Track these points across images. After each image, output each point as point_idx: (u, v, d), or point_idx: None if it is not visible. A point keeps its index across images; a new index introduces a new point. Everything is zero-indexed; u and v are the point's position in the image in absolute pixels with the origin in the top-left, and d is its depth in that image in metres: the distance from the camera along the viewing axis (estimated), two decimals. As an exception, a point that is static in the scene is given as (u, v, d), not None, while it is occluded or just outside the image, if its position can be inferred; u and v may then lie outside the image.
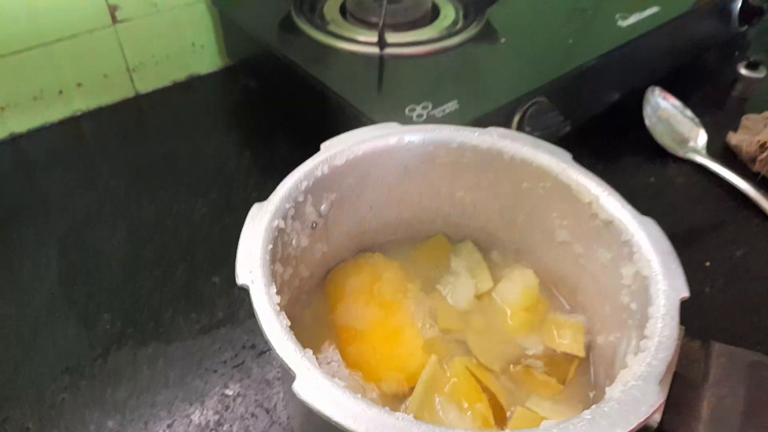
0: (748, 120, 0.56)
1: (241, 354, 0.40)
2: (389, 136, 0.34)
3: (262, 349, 0.40)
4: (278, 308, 0.26)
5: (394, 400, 0.33)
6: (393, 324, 0.35)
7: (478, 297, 0.37)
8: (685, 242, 0.29)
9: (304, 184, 0.31)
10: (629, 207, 0.30)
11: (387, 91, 0.49)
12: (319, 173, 0.32)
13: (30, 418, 0.37)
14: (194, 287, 0.44)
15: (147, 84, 0.63)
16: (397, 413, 0.22)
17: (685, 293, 0.26)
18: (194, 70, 0.66)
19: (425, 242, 0.40)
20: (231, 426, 0.36)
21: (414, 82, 0.49)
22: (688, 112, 0.57)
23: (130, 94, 0.63)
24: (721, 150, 0.56)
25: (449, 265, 0.38)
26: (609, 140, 0.44)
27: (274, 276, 0.29)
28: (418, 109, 0.44)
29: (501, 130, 0.34)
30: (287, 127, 0.58)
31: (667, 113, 0.57)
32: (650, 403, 0.22)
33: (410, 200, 0.38)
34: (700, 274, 0.44)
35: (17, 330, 0.42)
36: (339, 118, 0.48)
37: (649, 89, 0.58)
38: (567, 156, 0.33)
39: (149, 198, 0.51)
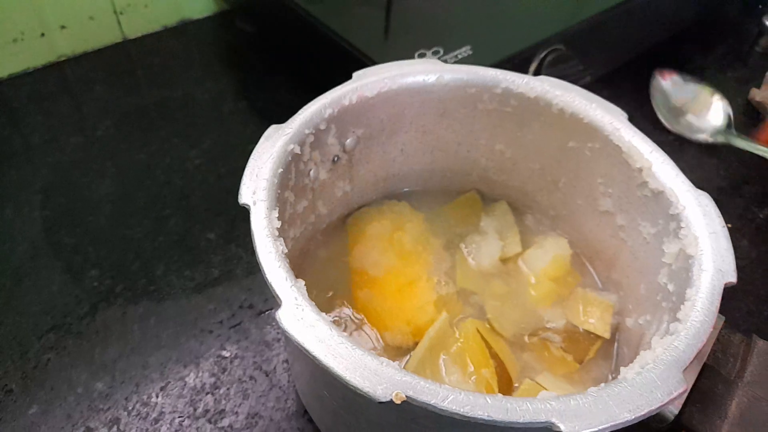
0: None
1: (238, 314, 0.38)
2: (428, 72, 0.32)
3: (260, 309, 0.38)
4: (277, 233, 0.24)
5: (397, 353, 0.31)
6: (407, 275, 0.33)
7: (503, 261, 0.34)
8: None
9: (329, 111, 0.29)
10: (683, 178, 0.27)
11: (394, 34, 0.46)
12: (346, 102, 0.30)
13: (13, 378, 0.34)
14: (188, 241, 0.42)
15: (136, 28, 0.59)
16: (383, 358, 0.20)
17: (732, 279, 0.23)
18: (186, 15, 0.61)
19: (457, 198, 0.37)
20: (228, 389, 0.34)
21: (423, 24, 0.46)
22: (705, 88, 0.52)
23: (118, 38, 0.58)
24: (743, 106, 0.54)
25: (478, 225, 0.36)
26: (629, 92, 0.41)
27: (282, 203, 0.27)
28: (429, 54, 0.41)
29: (552, 79, 0.31)
30: (286, 73, 0.55)
31: (681, 101, 0.52)
32: (668, 390, 0.20)
33: (446, 148, 0.36)
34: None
35: (-2, 281, 0.39)
36: (342, 63, 0.45)
37: (653, 77, 0.52)
38: (623, 116, 0.30)
39: (139, 146, 0.49)
